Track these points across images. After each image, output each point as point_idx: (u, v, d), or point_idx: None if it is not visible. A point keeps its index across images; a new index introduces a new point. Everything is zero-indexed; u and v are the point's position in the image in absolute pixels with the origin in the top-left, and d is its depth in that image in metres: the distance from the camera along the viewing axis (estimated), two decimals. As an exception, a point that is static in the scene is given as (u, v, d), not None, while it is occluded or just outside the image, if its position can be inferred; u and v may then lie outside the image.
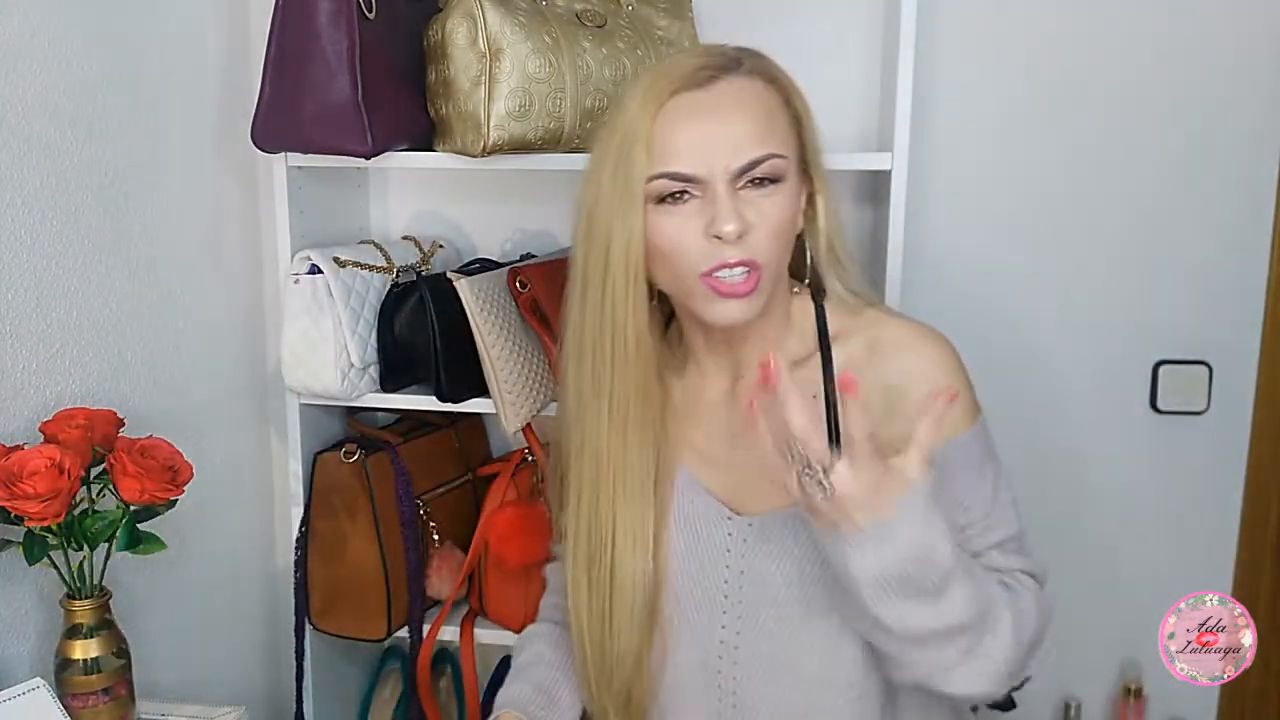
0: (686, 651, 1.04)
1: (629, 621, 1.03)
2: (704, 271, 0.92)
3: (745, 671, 1.01)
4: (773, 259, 0.93)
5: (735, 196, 0.91)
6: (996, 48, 1.55)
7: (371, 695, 1.68)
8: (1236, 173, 1.53)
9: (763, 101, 0.94)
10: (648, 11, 1.42)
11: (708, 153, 0.91)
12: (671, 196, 0.92)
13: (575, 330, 1.01)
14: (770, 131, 0.93)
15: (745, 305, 0.93)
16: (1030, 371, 1.62)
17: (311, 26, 1.26)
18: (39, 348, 1.16)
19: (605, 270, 0.95)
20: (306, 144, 1.32)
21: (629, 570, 1.02)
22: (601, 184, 0.94)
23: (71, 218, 1.20)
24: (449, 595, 1.52)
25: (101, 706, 1.08)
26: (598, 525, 1.03)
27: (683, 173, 0.91)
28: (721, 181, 0.91)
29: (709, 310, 0.94)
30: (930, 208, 1.58)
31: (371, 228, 1.68)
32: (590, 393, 1.01)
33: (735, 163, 0.91)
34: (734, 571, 1.01)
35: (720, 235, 0.90)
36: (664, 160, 0.91)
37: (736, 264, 0.91)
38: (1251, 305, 1.56)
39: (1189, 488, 1.62)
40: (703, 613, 1.03)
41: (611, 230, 0.93)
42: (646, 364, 0.99)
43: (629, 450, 1.01)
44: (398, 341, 1.42)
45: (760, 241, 0.92)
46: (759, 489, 1.01)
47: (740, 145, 0.91)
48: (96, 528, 1.06)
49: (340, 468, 1.45)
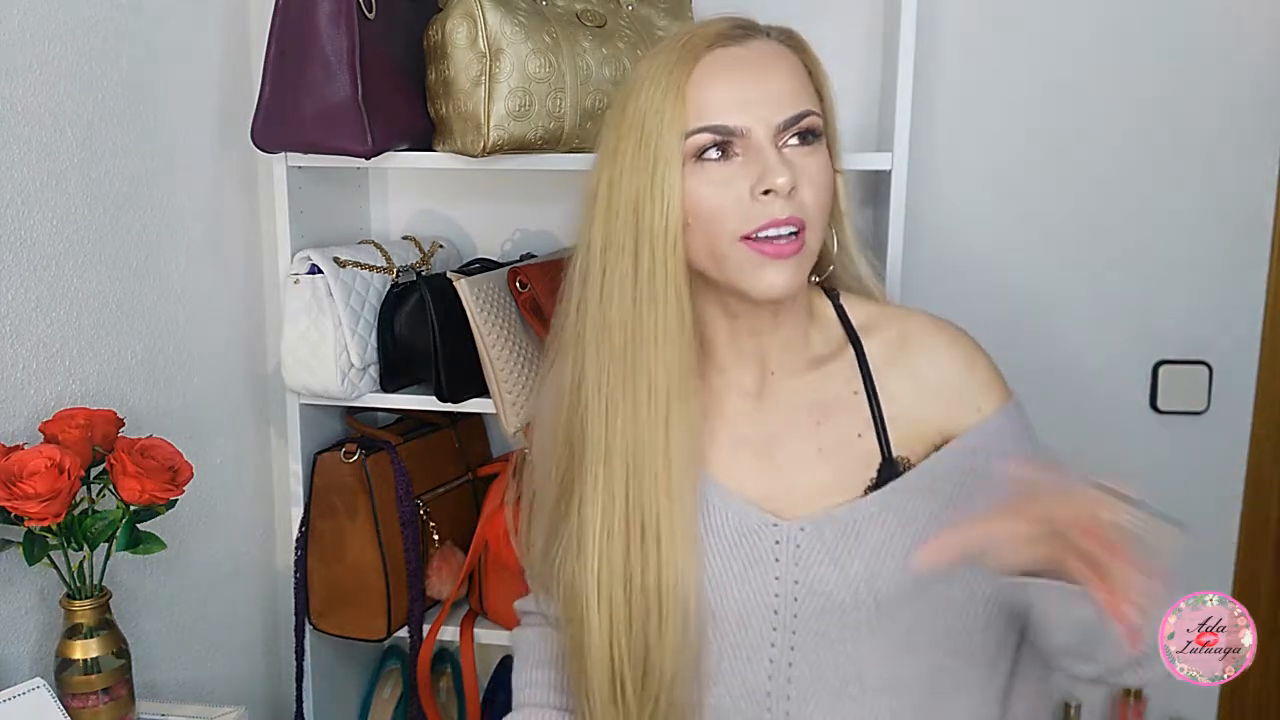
0: (729, 679, 0.95)
1: (682, 630, 0.92)
2: (747, 234, 0.85)
3: (801, 691, 0.93)
4: (817, 223, 0.88)
5: (779, 153, 0.86)
6: (996, 48, 1.55)
7: (371, 695, 1.68)
8: (1236, 173, 1.53)
9: (796, 64, 0.90)
10: (648, 11, 1.42)
11: (749, 105, 0.86)
12: (714, 151, 0.86)
13: (595, 317, 0.92)
14: (805, 91, 0.89)
15: (792, 269, 0.86)
16: (1030, 371, 1.61)
17: (311, 26, 1.26)
18: (39, 348, 1.16)
19: (636, 240, 0.88)
20: (306, 144, 1.32)
21: (679, 573, 0.91)
22: (625, 154, 0.88)
23: (71, 218, 1.20)
24: (449, 595, 1.52)
25: (101, 707, 1.08)
26: (639, 527, 0.92)
27: (726, 124, 0.85)
28: (766, 136, 0.86)
29: (753, 279, 0.87)
30: (930, 208, 1.58)
31: (371, 228, 1.68)
32: (620, 382, 0.91)
33: (779, 116, 0.86)
34: (785, 583, 0.93)
35: (773, 189, 0.84)
36: (703, 114, 0.86)
37: (785, 221, 0.85)
38: (1251, 305, 1.56)
39: (1189, 488, 1.61)
40: (749, 633, 0.94)
41: (641, 196, 0.87)
42: (689, 340, 0.90)
43: (671, 441, 0.91)
44: (398, 341, 1.42)
45: (807, 200, 0.86)
46: (800, 490, 0.95)
47: (782, 99, 0.87)
48: (96, 528, 1.06)
49: (340, 468, 1.45)
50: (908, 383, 0.96)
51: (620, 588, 0.93)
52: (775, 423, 0.97)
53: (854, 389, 0.96)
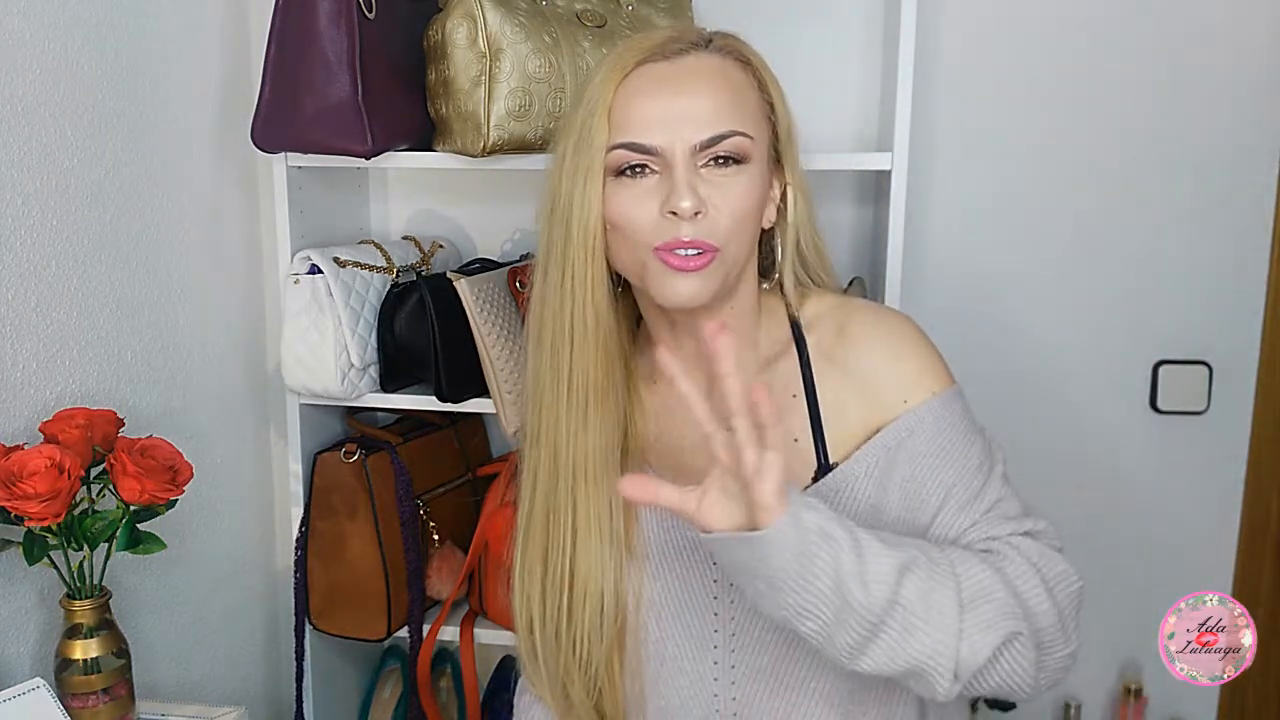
0: (675, 679, 0.99)
1: (596, 617, 0.97)
2: (657, 245, 0.88)
3: (745, 691, 0.97)
4: (732, 243, 0.89)
5: (696, 174, 0.87)
6: (996, 47, 1.55)
7: (371, 695, 1.68)
8: (1236, 173, 1.53)
9: (731, 80, 0.90)
10: (648, 11, 1.42)
11: (668, 124, 0.87)
12: (630, 169, 0.89)
13: (536, 314, 0.97)
14: (737, 109, 0.89)
15: (698, 282, 0.88)
16: (1030, 371, 1.62)
17: (311, 26, 1.26)
18: (39, 348, 1.16)
19: (566, 246, 0.91)
20: (306, 144, 1.32)
21: (595, 559, 0.96)
22: (565, 160, 0.91)
23: (71, 218, 1.20)
24: (449, 595, 1.52)
25: (101, 706, 1.08)
26: (556, 512, 0.98)
27: (640, 143, 0.87)
28: (682, 156, 0.87)
29: (662, 287, 0.89)
30: (930, 208, 1.58)
31: (371, 228, 1.68)
32: (549, 376, 0.96)
33: (697, 137, 0.87)
34: (724, 585, 0.97)
35: (676, 211, 0.86)
36: (623, 130, 0.88)
37: (689, 243, 0.87)
38: (1251, 305, 1.56)
39: (1189, 488, 1.62)
40: (692, 632, 0.98)
41: (571, 203, 0.90)
42: (607, 342, 0.94)
43: (589, 432, 0.95)
44: (398, 341, 1.42)
45: (719, 224, 0.87)
46: None
47: (703, 119, 0.87)
48: (96, 528, 1.06)
49: (340, 468, 1.45)
50: (841, 378, 0.96)
51: (539, 569, 0.99)
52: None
53: (793, 392, 0.97)
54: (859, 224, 1.58)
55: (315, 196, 1.48)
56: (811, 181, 1.00)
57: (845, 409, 0.96)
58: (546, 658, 1.01)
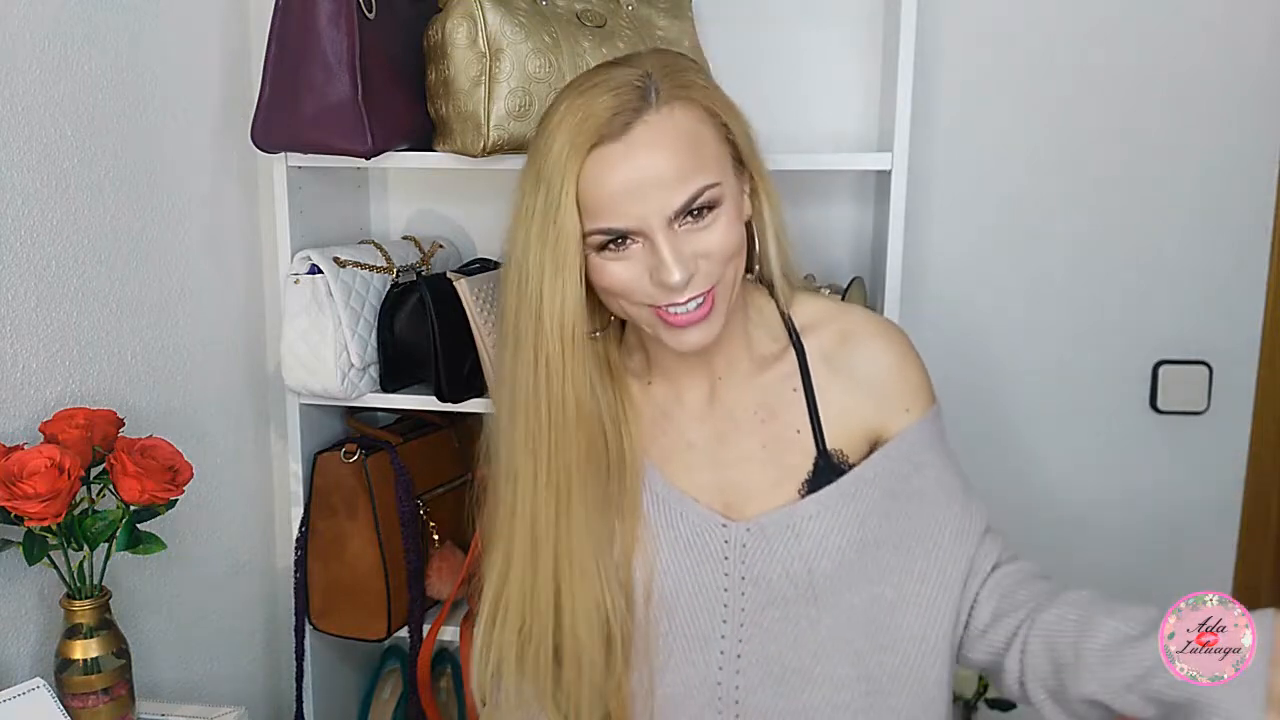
0: (681, 669, 1.00)
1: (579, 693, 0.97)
2: (658, 309, 0.90)
3: (749, 681, 0.99)
4: (726, 277, 0.91)
5: (675, 236, 0.88)
6: (996, 47, 1.55)
7: (371, 695, 1.68)
8: (1236, 173, 1.53)
9: (683, 132, 0.88)
10: (648, 11, 1.42)
11: (639, 203, 0.87)
12: (613, 244, 0.89)
13: (506, 386, 0.95)
14: (697, 161, 0.88)
15: (705, 328, 0.91)
16: (1030, 371, 1.62)
17: (311, 26, 1.26)
18: (39, 348, 1.16)
19: (537, 333, 0.90)
20: (306, 144, 1.32)
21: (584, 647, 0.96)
22: (531, 234, 0.90)
23: (71, 218, 1.20)
24: (449, 595, 1.52)
25: (101, 706, 1.09)
26: (535, 600, 0.96)
27: (617, 228, 0.88)
28: (659, 228, 0.87)
29: (669, 338, 0.92)
30: (930, 208, 1.58)
31: (371, 228, 1.68)
32: (524, 454, 0.94)
33: (669, 208, 0.87)
34: (734, 579, 0.99)
35: (670, 285, 0.87)
36: (596, 216, 0.88)
37: (686, 302, 0.89)
38: (1251, 305, 1.56)
39: (1189, 488, 1.62)
40: (700, 624, 0.99)
41: (543, 290, 0.89)
42: (589, 430, 0.94)
43: (574, 524, 0.95)
44: (398, 341, 1.42)
45: (710, 270, 0.89)
46: (749, 492, 1.00)
47: (670, 188, 0.87)
48: (96, 528, 1.07)
49: (340, 468, 1.45)
50: (845, 379, 1.00)
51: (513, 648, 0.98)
52: (724, 424, 1.02)
53: (793, 386, 1.01)
54: (859, 224, 1.58)
55: (315, 196, 1.48)
56: (812, 181, 1.01)
57: (846, 409, 1.00)
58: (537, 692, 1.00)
